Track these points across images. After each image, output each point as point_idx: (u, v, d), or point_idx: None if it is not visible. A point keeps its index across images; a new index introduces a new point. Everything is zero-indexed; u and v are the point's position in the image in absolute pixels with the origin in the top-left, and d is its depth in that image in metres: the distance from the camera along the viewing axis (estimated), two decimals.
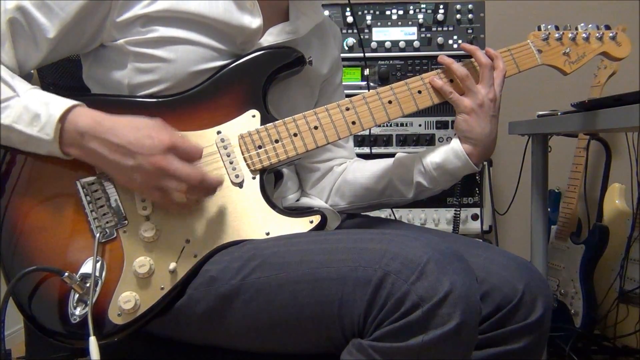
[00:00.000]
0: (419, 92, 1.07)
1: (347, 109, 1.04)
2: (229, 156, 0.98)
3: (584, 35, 1.13)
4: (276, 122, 1.00)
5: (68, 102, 0.90)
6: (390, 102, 1.06)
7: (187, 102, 0.99)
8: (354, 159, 1.27)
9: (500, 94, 1.08)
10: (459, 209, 1.94)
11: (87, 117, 0.89)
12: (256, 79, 1.01)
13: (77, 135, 0.89)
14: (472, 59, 1.09)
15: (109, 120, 0.89)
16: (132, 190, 0.93)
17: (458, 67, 1.06)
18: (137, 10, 0.97)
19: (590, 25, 1.15)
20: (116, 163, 0.88)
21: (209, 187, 0.91)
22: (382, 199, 1.19)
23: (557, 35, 1.13)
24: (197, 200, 0.93)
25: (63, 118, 0.88)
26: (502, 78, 1.08)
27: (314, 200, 1.18)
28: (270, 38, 1.06)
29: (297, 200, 1.18)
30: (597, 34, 1.14)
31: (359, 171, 1.20)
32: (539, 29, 1.13)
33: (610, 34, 1.14)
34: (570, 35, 1.13)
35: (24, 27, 0.95)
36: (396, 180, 1.15)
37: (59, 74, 1.18)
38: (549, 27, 1.13)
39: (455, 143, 1.08)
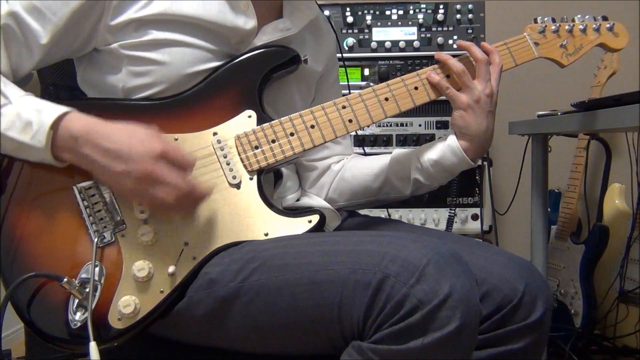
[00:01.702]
0: (416, 88, 1.06)
1: (344, 107, 1.03)
2: (225, 157, 0.97)
3: (580, 26, 1.13)
4: (272, 121, 1.00)
5: (60, 109, 0.89)
6: (386, 99, 1.05)
7: (182, 104, 0.98)
8: (351, 155, 1.27)
9: (498, 88, 1.07)
10: (453, 209, 1.93)
11: (81, 122, 0.89)
12: (251, 79, 1.01)
13: (71, 140, 0.88)
14: (469, 54, 1.08)
15: (103, 126, 0.89)
16: (123, 195, 0.92)
17: (454, 63, 1.06)
18: (131, 14, 0.96)
19: (587, 17, 1.14)
20: (107, 167, 0.87)
21: (199, 197, 0.91)
22: (379, 196, 1.20)
23: (553, 27, 1.12)
24: (187, 208, 0.92)
25: (55, 125, 0.88)
26: (498, 73, 1.07)
27: (314, 200, 1.18)
28: (264, 37, 1.05)
29: (297, 200, 1.17)
30: (594, 25, 1.13)
31: (356, 169, 1.21)
32: (536, 21, 1.13)
33: (607, 25, 1.13)
34: (567, 27, 1.12)
35: (17, 33, 0.95)
36: (393, 177, 1.15)
37: (59, 74, 1.18)
38: (546, 19, 1.13)
39: (452, 139, 1.08)
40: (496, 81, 1.06)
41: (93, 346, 0.86)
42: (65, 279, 0.87)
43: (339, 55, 1.28)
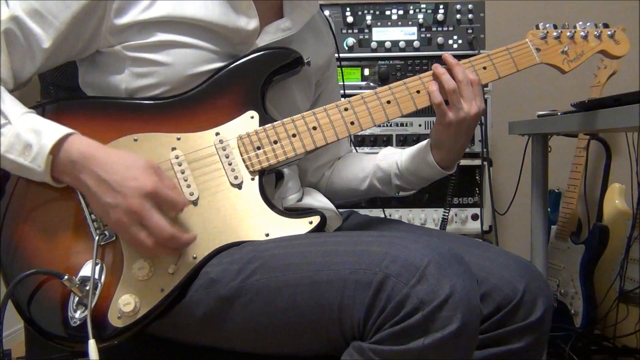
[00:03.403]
0: (418, 92, 1.06)
1: (346, 109, 1.04)
2: (227, 157, 0.98)
3: (582, 33, 1.13)
4: (275, 123, 1.00)
5: (60, 132, 0.88)
6: (388, 102, 1.05)
7: (185, 103, 0.98)
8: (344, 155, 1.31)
9: (484, 105, 1.07)
10: (447, 210, 1.94)
11: (82, 147, 0.88)
12: (254, 80, 1.01)
13: (70, 164, 0.88)
14: (472, 59, 1.09)
15: (103, 154, 0.88)
16: (109, 225, 0.91)
17: (448, 80, 1.05)
18: (134, 15, 0.96)
19: (588, 24, 1.15)
20: (97, 196, 0.87)
21: (178, 246, 0.89)
22: (368, 196, 1.29)
23: (555, 33, 1.12)
24: (165, 252, 0.90)
25: (56, 148, 0.87)
26: (478, 89, 1.07)
27: (316, 200, 1.18)
28: (266, 37, 1.05)
29: (299, 200, 1.17)
30: (596, 32, 1.14)
31: (344, 173, 1.27)
32: (537, 27, 1.13)
33: (609, 32, 1.14)
34: (568, 33, 1.13)
35: (19, 37, 0.94)
36: (377, 183, 1.22)
37: (59, 74, 1.17)
38: (547, 25, 1.13)
39: (427, 152, 1.12)
40: (481, 98, 1.06)
41: (92, 344, 0.86)
42: (66, 276, 0.87)
43: (336, 55, 1.29)
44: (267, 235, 0.95)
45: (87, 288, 0.88)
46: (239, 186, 0.97)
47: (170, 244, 0.88)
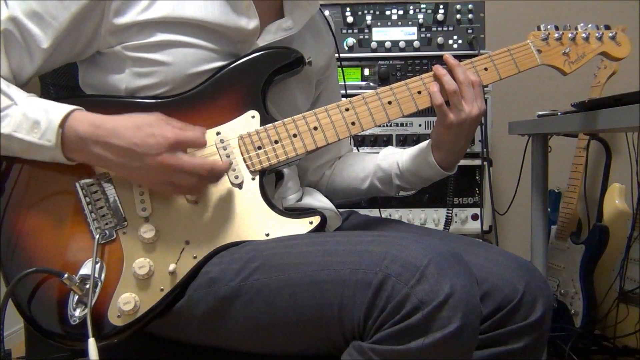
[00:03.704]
0: (419, 92, 1.06)
1: (347, 110, 1.04)
2: (228, 157, 0.98)
3: (583, 35, 1.13)
4: (276, 122, 1.00)
5: (67, 107, 0.89)
6: (389, 102, 1.05)
7: (186, 103, 0.98)
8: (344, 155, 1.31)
9: (485, 105, 1.07)
10: (451, 210, 1.94)
11: (85, 121, 0.89)
12: (255, 80, 1.01)
13: (79, 141, 0.88)
14: (473, 60, 1.09)
15: (108, 123, 0.89)
16: (144, 187, 0.93)
17: (449, 81, 1.04)
18: (133, 16, 0.96)
19: (589, 25, 1.15)
20: (123, 165, 0.88)
21: (219, 173, 0.93)
22: (368, 195, 1.29)
23: (556, 35, 1.13)
24: (209, 184, 0.94)
25: (63, 123, 0.88)
26: (479, 90, 1.06)
27: (316, 199, 1.18)
28: (267, 37, 1.06)
29: (299, 200, 1.18)
30: (597, 34, 1.14)
31: (345, 173, 1.27)
32: (539, 29, 1.13)
33: (610, 34, 1.14)
34: (569, 35, 1.13)
35: (18, 38, 0.94)
36: (378, 183, 1.22)
37: (59, 74, 1.17)
38: (549, 27, 1.13)
39: (427, 152, 1.12)
40: (482, 99, 1.06)
41: (92, 343, 0.86)
42: (66, 275, 0.88)
43: (336, 55, 1.29)
44: (267, 235, 0.96)
45: (87, 287, 0.88)
46: (239, 186, 0.97)
47: (213, 174, 0.91)
